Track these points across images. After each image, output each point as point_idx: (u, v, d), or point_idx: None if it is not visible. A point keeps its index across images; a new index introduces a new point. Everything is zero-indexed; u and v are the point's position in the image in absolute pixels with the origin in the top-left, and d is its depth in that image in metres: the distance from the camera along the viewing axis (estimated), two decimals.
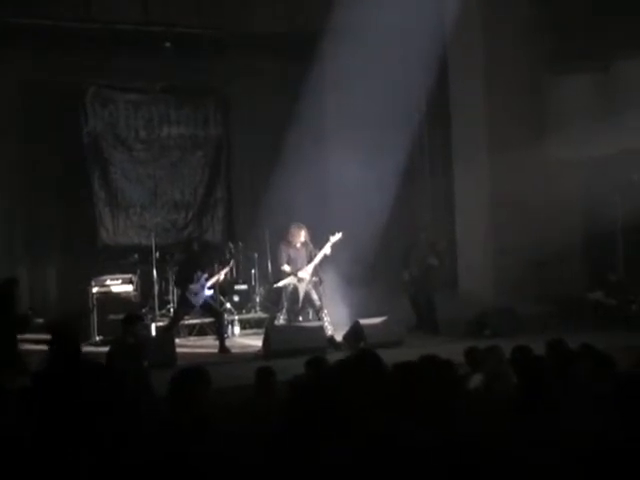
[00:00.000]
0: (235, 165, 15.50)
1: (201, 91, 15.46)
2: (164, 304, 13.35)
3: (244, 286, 14.11)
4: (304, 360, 6.83)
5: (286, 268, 11.66)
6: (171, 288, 13.27)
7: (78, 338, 5.13)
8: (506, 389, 5.91)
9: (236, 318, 13.24)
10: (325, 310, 11.72)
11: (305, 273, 11.60)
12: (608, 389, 4.56)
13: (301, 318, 12.22)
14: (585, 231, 14.16)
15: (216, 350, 11.63)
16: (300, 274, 11.58)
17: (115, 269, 13.39)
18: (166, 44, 14.25)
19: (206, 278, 11.79)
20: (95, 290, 12.80)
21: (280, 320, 11.81)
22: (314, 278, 11.70)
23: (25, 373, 8.32)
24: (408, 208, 14.78)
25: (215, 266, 12.68)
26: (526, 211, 13.38)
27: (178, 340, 11.62)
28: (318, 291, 11.75)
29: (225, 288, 13.55)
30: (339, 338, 11.57)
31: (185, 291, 11.79)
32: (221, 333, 11.79)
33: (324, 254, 11.54)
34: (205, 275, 11.80)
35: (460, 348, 7.46)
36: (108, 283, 13.00)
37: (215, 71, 14.84)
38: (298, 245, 11.70)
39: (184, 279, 11.87)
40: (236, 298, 13.91)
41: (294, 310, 11.91)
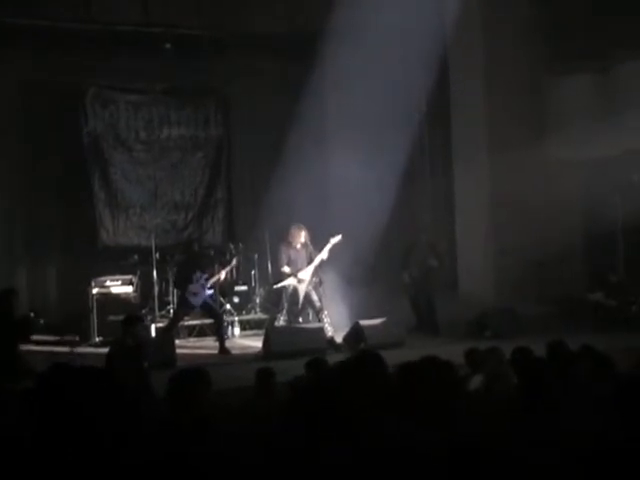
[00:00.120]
0: (235, 165, 15.49)
1: (201, 91, 15.45)
2: (164, 305, 13.34)
3: (244, 287, 14.10)
4: (304, 361, 6.84)
5: (286, 269, 11.65)
6: (171, 289, 13.26)
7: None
8: (506, 390, 5.91)
9: (236, 319, 13.23)
10: (325, 311, 11.71)
11: (305, 274, 11.59)
12: (608, 390, 4.55)
13: (301, 319, 12.20)
14: (585, 231, 14.16)
15: (216, 351, 11.61)
16: (300, 275, 11.57)
17: (115, 270, 13.37)
18: (166, 45, 14.25)
19: (206, 279, 11.78)
20: (95, 291, 12.78)
21: (280, 321, 11.81)
22: (314, 279, 11.69)
23: (28, 376, 8.26)
24: (408, 209, 14.78)
25: (215, 267, 12.68)
26: (526, 211, 13.37)
27: (178, 341, 11.60)
28: (318, 292, 11.74)
29: (225, 289, 13.54)
30: (339, 339, 11.55)
31: (185, 292, 11.78)
32: (221, 334, 11.78)
33: (322, 258, 11.54)
34: (205, 276, 11.79)
35: (460, 349, 7.46)
36: (108, 284, 12.99)
37: (215, 71, 14.84)
38: (298, 246, 11.69)
39: (184, 280, 11.86)
40: (236, 299, 13.90)
41: (294, 311, 11.90)
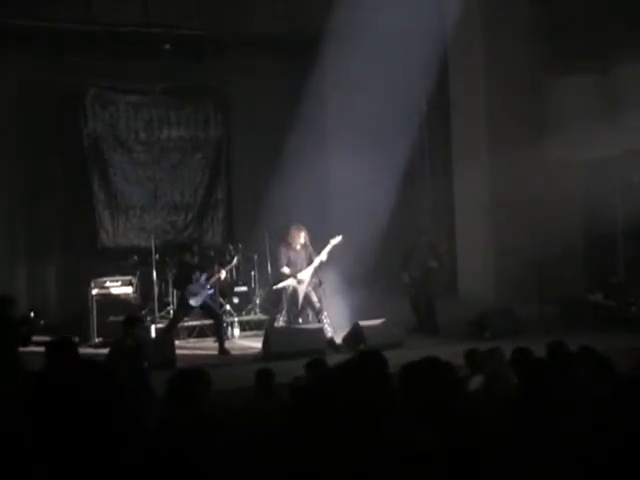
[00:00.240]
0: (235, 166, 15.48)
1: (201, 92, 15.44)
2: (164, 306, 13.32)
3: (244, 288, 14.09)
4: (304, 362, 6.84)
5: (286, 270, 11.64)
6: (171, 290, 13.25)
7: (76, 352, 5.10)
8: (506, 390, 5.91)
9: (236, 320, 13.22)
10: (325, 312, 11.70)
11: (305, 275, 11.58)
12: (608, 391, 4.55)
13: (301, 320, 12.18)
14: (585, 232, 14.16)
15: (216, 352, 11.60)
16: (300, 276, 11.57)
17: (115, 271, 13.36)
18: (166, 45, 14.25)
19: (206, 279, 11.78)
20: (95, 292, 12.77)
21: (280, 322, 11.80)
22: (314, 280, 11.68)
23: (26, 377, 8.20)
24: (408, 209, 14.78)
25: (215, 267, 12.67)
26: (526, 211, 13.36)
27: (178, 342, 11.58)
28: (318, 293, 11.74)
29: (225, 290, 13.53)
30: (339, 340, 11.55)
31: (184, 293, 11.77)
32: (221, 335, 11.76)
33: (321, 261, 11.54)
34: (205, 276, 11.78)
35: (460, 350, 7.45)
36: (108, 285, 12.98)
37: (215, 72, 14.83)
38: (298, 247, 11.69)
39: (184, 281, 11.85)
40: (236, 300, 13.89)
41: (294, 312, 11.89)
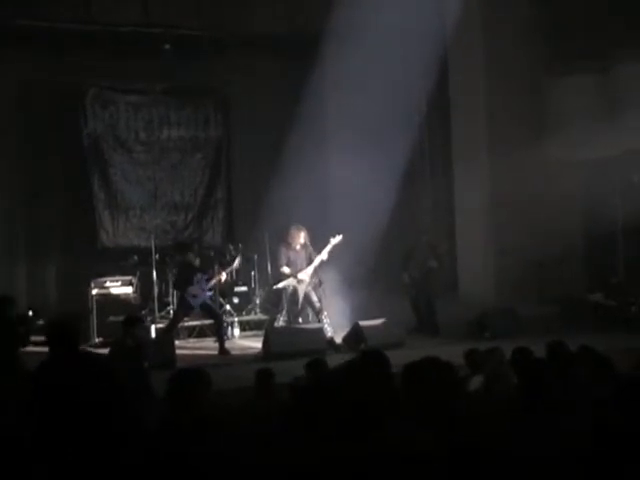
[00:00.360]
0: (235, 166, 15.48)
1: (201, 92, 15.45)
2: (164, 306, 13.32)
3: (244, 288, 14.08)
4: (304, 362, 6.84)
5: (286, 270, 11.64)
6: (171, 290, 13.25)
7: (77, 338, 5.09)
8: (506, 390, 5.90)
9: (236, 320, 13.21)
10: (325, 312, 11.70)
11: (305, 275, 11.58)
12: (608, 391, 4.55)
13: (301, 320, 12.18)
14: (585, 232, 14.15)
15: (216, 352, 11.59)
16: (300, 276, 11.57)
17: (115, 271, 13.35)
18: (165, 46, 14.24)
19: (206, 280, 11.77)
20: (95, 292, 12.77)
21: (280, 322, 11.79)
22: (314, 280, 11.68)
23: (26, 377, 8.17)
24: (408, 209, 14.77)
25: (215, 268, 12.67)
26: (526, 211, 13.36)
27: (178, 342, 11.57)
28: (318, 293, 11.73)
29: (225, 290, 13.53)
30: (339, 340, 11.55)
31: (184, 293, 11.77)
32: (221, 335, 11.76)
33: (322, 259, 11.54)
34: (205, 277, 11.78)
35: (460, 350, 7.45)
36: (108, 285, 12.98)
37: (215, 72, 14.83)
38: (298, 247, 11.68)
39: (184, 281, 11.84)
40: (236, 300, 13.89)
41: (294, 312, 11.88)
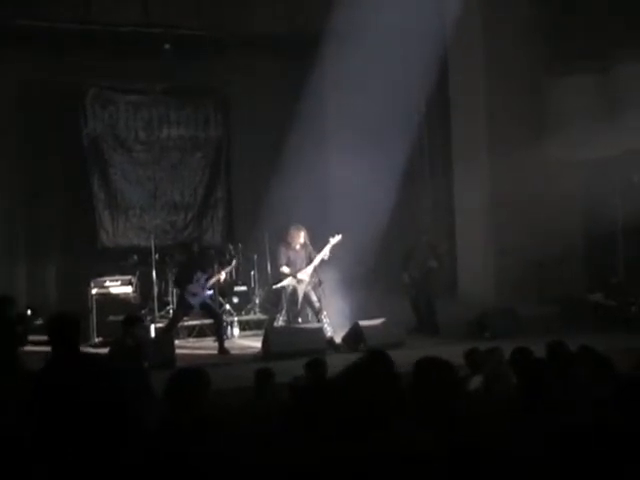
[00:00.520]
0: (235, 165, 15.46)
1: (201, 92, 15.43)
2: (163, 305, 13.32)
3: (243, 287, 14.09)
4: (303, 362, 6.84)
5: (285, 269, 11.65)
6: (170, 289, 13.25)
7: (78, 332, 5.08)
8: (506, 390, 5.90)
9: (235, 319, 13.21)
10: (324, 312, 11.70)
11: (304, 274, 11.58)
12: (608, 391, 4.55)
13: (300, 319, 12.18)
14: (585, 232, 14.15)
15: (215, 351, 11.59)
16: (299, 275, 11.57)
17: (115, 270, 13.36)
18: (165, 45, 14.24)
19: (206, 279, 11.77)
20: (94, 291, 12.77)
21: (279, 321, 11.80)
22: (313, 279, 11.67)
23: (26, 377, 8.14)
24: (408, 209, 14.77)
25: (215, 267, 12.67)
26: (526, 211, 13.36)
27: (177, 341, 11.57)
28: (317, 292, 11.73)
29: (224, 289, 13.53)
30: (339, 340, 11.55)
31: (184, 292, 11.77)
32: (220, 334, 11.76)
33: (322, 258, 11.54)
34: (205, 276, 11.78)
35: (460, 350, 7.44)
36: (107, 284, 12.98)
37: (215, 71, 14.82)
38: (297, 247, 11.68)
39: (184, 280, 11.85)
40: (235, 299, 13.89)
41: (293, 311, 11.88)
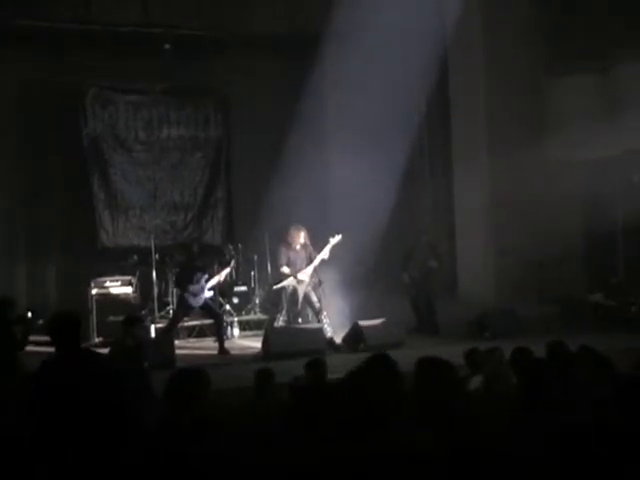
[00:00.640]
0: (235, 165, 15.46)
1: (201, 92, 15.42)
2: (163, 306, 13.32)
3: (243, 288, 14.09)
4: (303, 362, 6.83)
5: (285, 270, 11.65)
6: (170, 290, 13.25)
7: (78, 330, 5.08)
8: (506, 390, 5.90)
9: (235, 320, 13.21)
10: (324, 312, 11.71)
11: (304, 275, 11.58)
12: (608, 391, 4.55)
13: (300, 320, 12.18)
14: (585, 232, 14.15)
15: (215, 352, 11.60)
16: (299, 276, 11.57)
17: (115, 271, 13.36)
18: (165, 46, 14.23)
19: (206, 279, 11.77)
20: (94, 292, 12.77)
21: (279, 322, 11.79)
22: (313, 280, 11.68)
23: (26, 377, 8.11)
24: (408, 209, 14.77)
25: (215, 267, 12.67)
26: (526, 211, 13.35)
27: (177, 341, 11.57)
28: (317, 293, 11.73)
29: (225, 290, 13.52)
30: (339, 340, 11.56)
31: (184, 292, 11.77)
32: (220, 335, 11.76)
33: (322, 259, 11.55)
34: (205, 276, 11.78)
35: (460, 350, 7.44)
36: (107, 285, 12.98)
37: (215, 71, 14.82)
38: (297, 247, 11.69)
39: (184, 280, 11.84)
40: (235, 300, 13.88)
41: (293, 312, 11.89)
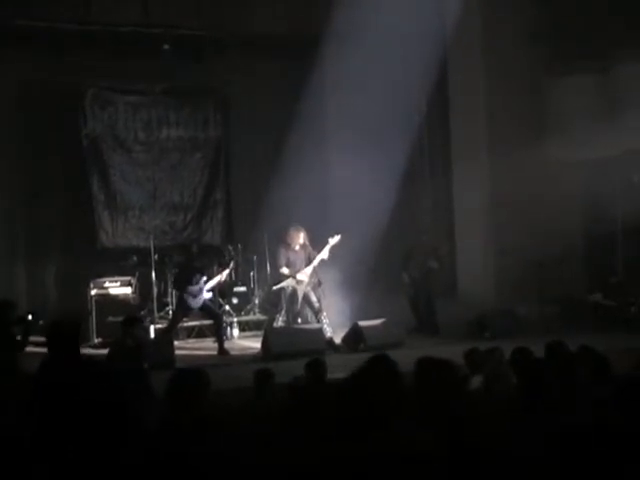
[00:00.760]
0: (235, 166, 15.44)
1: (201, 92, 15.40)
2: (163, 306, 13.33)
3: (243, 288, 14.09)
4: (303, 362, 6.84)
5: (285, 270, 11.66)
6: (170, 290, 13.26)
7: (77, 337, 5.08)
8: (506, 390, 5.90)
9: (235, 320, 13.23)
10: (324, 312, 11.71)
11: (304, 275, 11.59)
12: (608, 391, 4.55)
13: (300, 320, 12.19)
14: (585, 232, 14.14)
15: (215, 352, 11.61)
16: (299, 276, 11.57)
17: (114, 271, 13.36)
18: (165, 46, 14.23)
19: (205, 280, 11.77)
20: (94, 292, 12.78)
21: (279, 322, 11.81)
22: (313, 280, 11.68)
23: (26, 378, 8.10)
24: (408, 209, 14.76)
25: (214, 268, 12.67)
26: (526, 211, 13.34)
27: (177, 342, 11.59)
28: (317, 293, 11.74)
29: (224, 290, 13.53)
30: (338, 340, 11.56)
31: (184, 293, 11.77)
32: (220, 335, 11.77)
33: (321, 259, 11.55)
34: (204, 277, 11.78)
35: (460, 350, 7.43)
36: (107, 285, 12.98)
37: (215, 72, 14.81)
38: (297, 247, 11.70)
39: (184, 281, 11.84)
40: (235, 300, 13.89)
41: (293, 312, 11.90)
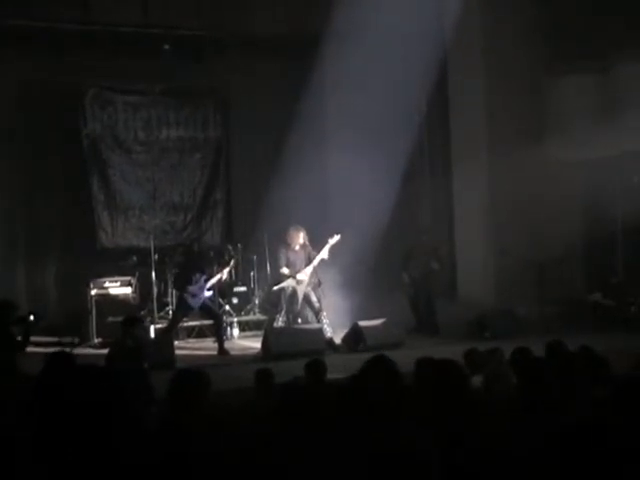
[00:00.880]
0: (235, 166, 15.44)
1: (201, 92, 15.40)
2: (163, 306, 13.33)
3: (243, 288, 14.09)
4: (303, 362, 6.84)
5: (285, 270, 11.66)
6: (170, 290, 13.25)
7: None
8: (506, 390, 5.90)
9: (235, 320, 13.22)
10: (324, 312, 11.72)
11: (304, 275, 11.59)
12: (607, 391, 4.55)
13: (300, 320, 12.19)
14: (585, 232, 14.14)
15: (215, 352, 11.61)
16: (299, 276, 11.58)
17: (114, 271, 13.35)
18: (165, 46, 14.23)
19: (205, 280, 11.77)
20: (94, 292, 12.77)
21: (279, 322, 11.81)
22: (313, 280, 11.69)
23: (26, 378, 8.10)
24: (408, 209, 14.76)
25: (214, 268, 12.66)
26: (526, 211, 13.35)
27: (177, 342, 11.59)
28: (317, 293, 11.74)
29: (224, 290, 13.53)
30: (338, 340, 11.56)
31: (184, 293, 11.77)
32: (220, 335, 11.77)
33: (321, 258, 11.55)
34: (204, 277, 11.78)
35: (460, 350, 7.43)
36: (107, 285, 12.97)
37: (215, 72, 14.81)
38: (297, 247, 11.70)
39: (184, 281, 11.84)
40: (235, 300, 13.89)
41: (293, 312, 11.90)
